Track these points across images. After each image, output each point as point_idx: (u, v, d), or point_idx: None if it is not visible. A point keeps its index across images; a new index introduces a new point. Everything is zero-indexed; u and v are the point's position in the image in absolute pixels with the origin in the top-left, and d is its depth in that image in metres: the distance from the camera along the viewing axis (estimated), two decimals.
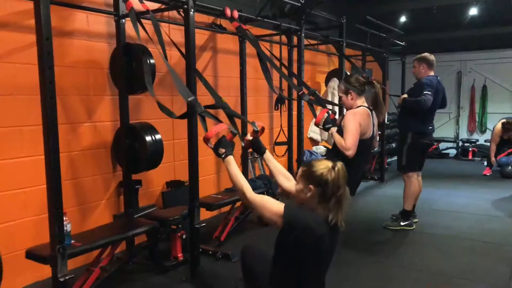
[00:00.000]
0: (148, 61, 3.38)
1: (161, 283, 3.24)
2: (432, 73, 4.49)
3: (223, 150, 2.14)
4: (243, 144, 2.48)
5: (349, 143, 3.11)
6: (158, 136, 3.61)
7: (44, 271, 2.98)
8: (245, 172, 4.98)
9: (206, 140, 2.19)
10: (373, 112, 3.35)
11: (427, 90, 4.22)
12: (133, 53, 3.46)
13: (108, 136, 3.72)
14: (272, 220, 1.97)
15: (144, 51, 3.42)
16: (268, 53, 3.91)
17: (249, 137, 2.45)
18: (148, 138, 3.54)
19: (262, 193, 4.42)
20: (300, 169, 2.08)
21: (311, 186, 1.97)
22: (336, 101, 6.39)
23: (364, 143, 3.23)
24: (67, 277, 2.36)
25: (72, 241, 2.73)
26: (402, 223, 4.44)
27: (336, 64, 6.21)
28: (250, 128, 2.57)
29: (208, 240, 3.96)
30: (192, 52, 3.12)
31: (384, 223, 4.55)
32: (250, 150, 2.64)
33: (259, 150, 2.46)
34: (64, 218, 2.47)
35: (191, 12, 3.10)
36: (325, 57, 7.26)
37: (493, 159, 7.25)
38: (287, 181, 2.40)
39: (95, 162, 3.63)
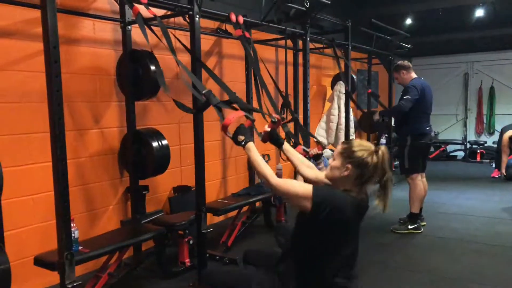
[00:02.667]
0: (155, 66, 3.42)
1: None
2: (413, 75, 4.60)
3: (242, 138, 2.05)
4: (260, 138, 2.44)
5: None
6: (164, 142, 3.62)
7: (52, 278, 2.99)
8: (252, 178, 4.99)
9: (225, 128, 2.11)
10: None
11: (408, 95, 4.38)
12: (139, 59, 3.49)
13: (115, 142, 3.74)
14: (300, 203, 1.85)
15: (151, 57, 3.44)
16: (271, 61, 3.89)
17: (267, 128, 2.40)
18: (154, 144, 3.56)
19: (270, 197, 4.43)
20: (340, 146, 2.01)
21: (349, 166, 1.91)
22: (342, 104, 6.38)
23: None
24: (75, 284, 2.37)
25: (80, 247, 2.74)
26: (410, 227, 4.42)
27: (343, 67, 6.20)
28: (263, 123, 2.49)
29: (215, 245, 3.96)
30: (198, 56, 3.13)
31: (391, 227, 4.52)
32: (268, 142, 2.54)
33: (277, 141, 2.41)
34: (72, 225, 2.49)
35: (197, 18, 3.12)
36: (331, 60, 7.24)
37: (503, 170, 6.45)
38: (310, 170, 2.35)
39: (102, 168, 3.65)
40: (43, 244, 3.00)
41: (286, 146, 2.43)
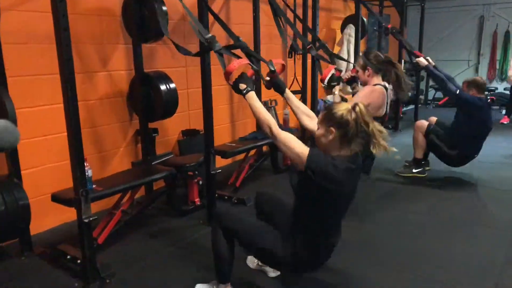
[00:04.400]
0: (160, 7, 3.36)
1: (179, 225, 3.40)
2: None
3: (244, 86, 2.06)
4: (265, 83, 2.48)
5: None
6: (172, 85, 3.64)
7: (70, 214, 3.14)
8: None
9: (227, 75, 2.12)
10: (388, 90, 3.34)
11: (472, 99, 4.11)
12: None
13: (124, 85, 3.76)
14: (294, 160, 1.96)
15: None
16: (282, 2, 3.79)
17: (266, 78, 2.43)
18: (163, 87, 3.58)
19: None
20: (320, 114, 2.06)
21: (332, 129, 1.95)
22: (352, 48, 6.27)
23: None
24: (91, 219, 2.50)
25: (94, 186, 2.85)
26: (414, 170, 4.49)
27: (353, 9, 6.02)
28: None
29: (224, 186, 4.08)
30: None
31: (396, 171, 4.60)
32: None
33: (279, 89, 2.46)
34: (85, 164, 2.57)
35: None
36: (341, 2, 7.03)
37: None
38: (310, 120, 2.41)
39: (112, 111, 3.71)
40: (59, 183, 3.11)
41: (288, 93, 2.47)
